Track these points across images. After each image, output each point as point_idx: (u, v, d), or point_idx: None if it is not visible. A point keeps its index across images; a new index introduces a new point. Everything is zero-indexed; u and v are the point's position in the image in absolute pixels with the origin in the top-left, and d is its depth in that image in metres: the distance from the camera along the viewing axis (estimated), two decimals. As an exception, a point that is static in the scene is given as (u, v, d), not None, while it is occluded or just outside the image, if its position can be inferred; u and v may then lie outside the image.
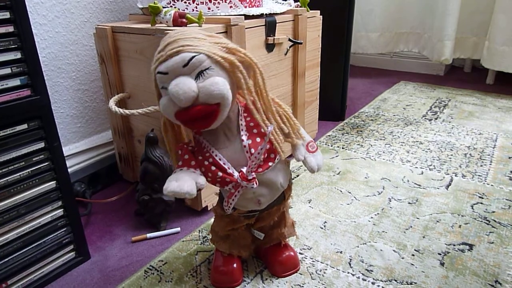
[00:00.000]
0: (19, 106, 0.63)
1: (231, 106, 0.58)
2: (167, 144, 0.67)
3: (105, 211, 0.97)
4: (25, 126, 0.65)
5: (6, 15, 0.58)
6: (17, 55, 0.61)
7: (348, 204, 0.96)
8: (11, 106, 0.62)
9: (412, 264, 0.75)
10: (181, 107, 0.54)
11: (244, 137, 0.60)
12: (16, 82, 0.62)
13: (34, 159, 0.67)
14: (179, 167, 0.61)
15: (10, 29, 0.59)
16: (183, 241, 0.84)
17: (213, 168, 0.60)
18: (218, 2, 0.90)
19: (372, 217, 0.90)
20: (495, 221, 0.88)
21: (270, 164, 0.61)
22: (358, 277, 0.72)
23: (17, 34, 0.60)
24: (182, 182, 0.56)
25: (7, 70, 0.60)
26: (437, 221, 0.88)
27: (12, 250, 0.67)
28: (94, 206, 0.99)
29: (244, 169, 0.59)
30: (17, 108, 0.63)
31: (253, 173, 0.59)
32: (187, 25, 0.82)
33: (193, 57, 0.53)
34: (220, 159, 0.60)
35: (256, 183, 0.60)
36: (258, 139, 0.60)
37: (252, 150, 0.59)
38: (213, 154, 0.61)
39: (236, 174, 0.60)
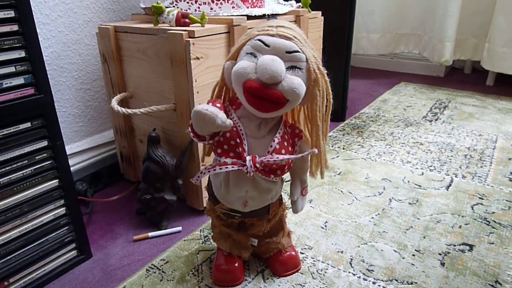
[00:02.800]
0: (23, 104, 0.63)
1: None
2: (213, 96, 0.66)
3: (106, 210, 0.97)
4: (28, 124, 0.65)
5: (10, 14, 0.59)
6: (21, 53, 0.61)
7: (349, 204, 0.96)
8: (15, 105, 0.62)
9: (413, 264, 0.76)
10: (260, 80, 0.54)
11: (276, 140, 0.60)
12: (20, 80, 0.62)
13: (37, 157, 0.67)
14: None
15: (15, 28, 0.60)
16: (184, 240, 0.84)
17: (235, 131, 0.59)
18: (221, 3, 0.90)
19: (372, 217, 0.90)
20: (495, 221, 0.88)
21: (271, 177, 0.61)
22: (359, 277, 0.73)
23: (21, 33, 0.61)
24: (217, 110, 0.55)
25: (11, 69, 0.61)
26: (438, 222, 0.88)
27: (14, 248, 0.67)
28: (96, 205, 0.99)
29: (258, 158, 0.58)
30: (20, 107, 0.63)
31: (261, 166, 0.59)
32: (190, 25, 0.83)
33: (298, 51, 0.56)
34: (243, 134, 0.59)
35: (255, 175, 0.59)
36: (283, 151, 0.60)
37: (274, 154, 0.59)
38: (239, 127, 0.60)
39: (247, 155, 0.59)
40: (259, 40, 0.56)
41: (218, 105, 0.58)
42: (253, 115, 0.59)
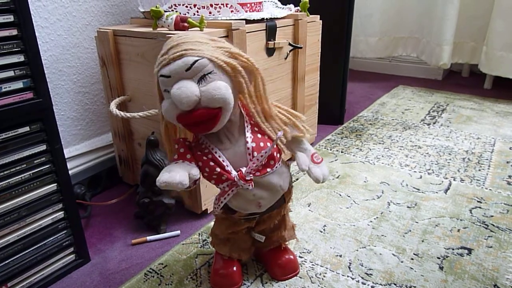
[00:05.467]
0: (22, 108, 0.63)
1: (233, 110, 0.59)
2: (166, 143, 0.67)
3: (105, 213, 0.97)
4: (27, 128, 0.65)
5: (10, 18, 0.59)
6: (20, 58, 0.62)
7: (348, 208, 0.96)
8: (14, 109, 0.62)
9: (411, 268, 0.76)
10: (183, 110, 0.55)
11: (249, 139, 0.61)
12: (19, 84, 0.62)
13: (35, 161, 0.67)
14: (174, 160, 0.61)
15: (14, 32, 0.60)
16: (183, 244, 0.84)
17: (211, 163, 0.60)
18: (220, 7, 0.90)
19: (371, 221, 0.90)
20: (493, 225, 0.88)
21: (268, 170, 0.62)
22: (358, 281, 0.73)
23: (20, 37, 0.61)
24: (174, 173, 0.56)
25: (10, 73, 0.61)
26: (436, 225, 0.88)
27: (12, 252, 0.67)
28: (94, 209, 0.99)
29: (244, 169, 0.60)
30: (19, 111, 0.63)
31: (251, 175, 0.60)
32: (189, 29, 0.83)
33: (195, 61, 0.54)
34: (219, 156, 0.60)
35: (252, 185, 0.60)
36: (262, 144, 0.61)
37: (255, 153, 0.60)
38: (212, 151, 0.61)
39: (234, 172, 0.60)
40: (160, 76, 0.56)
41: (182, 150, 0.61)
42: (216, 131, 0.60)
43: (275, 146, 0.61)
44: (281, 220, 0.73)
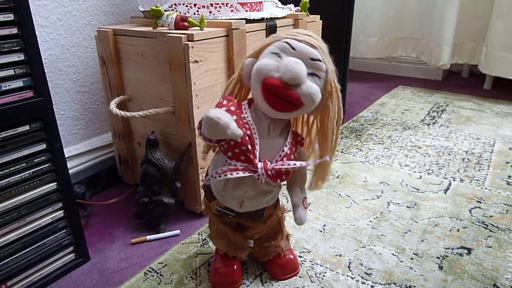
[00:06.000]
0: (22, 107, 0.63)
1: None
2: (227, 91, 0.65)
3: (104, 213, 0.97)
4: (27, 127, 0.65)
5: (10, 17, 0.59)
6: (21, 56, 0.61)
7: (347, 207, 0.96)
8: (14, 108, 0.62)
9: (411, 268, 0.76)
10: (281, 79, 0.55)
11: (288, 144, 0.61)
12: (19, 83, 0.62)
13: (35, 160, 0.67)
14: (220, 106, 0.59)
15: (14, 31, 0.60)
16: (182, 243, 0.84)
17: (246, 138, 0.58)
18: (220, 6, 0.90)
19: (371, 221, 0.90)
20: (493, 225, 0.88)
21: (277, 181, 0.61)
22: (357, 280, 0.73)
23: (20, 36, 0.61)
24: (226, 115, 0.53)
25: (10, 72, 0.61)
26: (436, 225, 0.88)
27: (12, 251, 0.67)
28: (94, 208, 0.99)
29: (269, 164, 0.59)
30: (19, 110, 0.63)
31: (273, 171, 0.59)
32: (189, 29, 0.83)
33: (321, 60, 0.57)
34: (256, 138, 0.59)
35: (264, 180, 0.59)
36: (292, 156, 0.61)
37: (285, 159, 0.60)
38: (253, 130, 0.59)
39: (258, 161, 0.58)
40: (286, 42, 0.57)
41: (233, 108, 0.58)
42: (264, 115, 0.60)
43: (306, 164, 0.61)
44: (278, 229, 0.73)
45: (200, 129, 0.58)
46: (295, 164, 0.59)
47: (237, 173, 0.58)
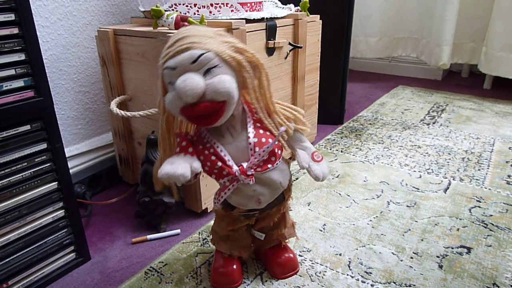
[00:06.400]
0: (23, 107, 0.63)
1: (236, 105, 0.59)
2: (162, 141, 0.65)
3: (105, 212, 0.97)
4: (28, 127, 0.65)
5: (11, 17, 0.59)
6: (21, 56, 0.62)
7: (347, 207, 0.96)
8: (15, 107, 0.62)
9: (411, 267, 0.76)
10: (187, 103, 0.54)
11: (251, 135, 0.61)
12: (20, 83, 0.62)
13: (36, 160, 0.68)
14: (176, 153, 0.60)
15: (15, 31, 0.60)
16: (183, 242, 0.84)
17: (213, 157, 0.60)
18: (220, 6, 0.90)
19: (371, 220, 0.91)
20: (492, 224, 0.88)
21: (269, 166, 0.62)
22: (357, 279, 0.73)
23: (21, 36, 0.61)
24: (176, 165, 0.56)
25: (11, 72, 0.61)
26: (436, 224, 0.88)
27: (13, 251, 0.67)
28: (94, 208, 0.99)
29: (245, 164, 0.60)
30: (20, 109, 0.63)
31: (252, 170, 0.60)
32: (189, 29, 0.83)
33: (201, 54, 0.54)
34: (221, 151, 0.60)
35: (253, 180, 0.60)
36: (263, 139, 0.61)
37: (257, 148, 0.60)
38: (214, 145, 0.61)
39: (235, 167, 0.60)
40: (165, 68, 0.56)
41: (184, 143, 0.60)
42: (218, 126, 0.60)
43: (276, 142, 0.61)
44: (281, 218, 0.73)
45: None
46: (267, 147, 0.59)
47: (228, 189, 0.62)
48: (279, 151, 0.63)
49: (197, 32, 0.56)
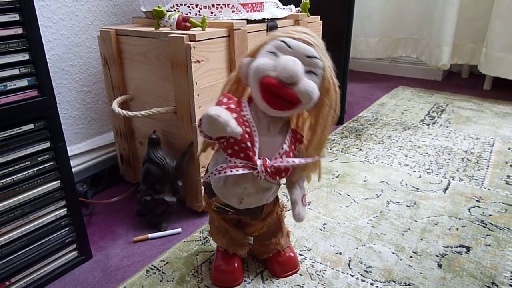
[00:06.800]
0: (26, 106, 0.64)
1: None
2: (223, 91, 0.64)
3: (106, 211, 0.98)
4: (31, 126, 0.66)
5: (15, 17, 0.60)
6: (25, 56, 0.62)
7: (347, 206, 0.97)
8: (19, 107, 0.63)
9: (410, 266, 0.76)
10: (278, 78, 0.55)
11: (286, 142, 0.62)
12: (23, 82, 0.63)
13: (39, 158, 0.68)
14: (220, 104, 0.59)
15: (19, 31, 0.61)
16: (184, 241, 0.85)
17: (246, 136, 0.59)
18: (221, 7, 0.91)
19: (370, 220, 0.91)
20: (492, 224, 0.89)
21: (276, 178, 0.63)
22: (357, 278, 0.74)
23: (25, 36, 0.62)
24: (222, 111, 0.55)
25: (15, 71, 0.62)
26: (435, 224, 0.89)
27: (16, 248, 0.68)
28: (96, 207, 1.00)
29: (268, 161, 0.60)
30: (24, 108, 0.64)
31: (273, 168, 0.60)
32: (191, 29, 0.84)
33: (317, 57, 0.57)
34: (255, 135, 0.60)
35: (264, 177, 0.60)
36: (291, 154, 0.62)
37: (284, 157, 0.61)
38: (252, 127, 0.60)
39: (258, 159, 0.59)
40: (282, 41, 0.58)
41: (233, 106, 0.59)
42: (263, 113, 0.60)
43: (301, 162, 0.62)
44: (277, 227, 0.74)
45: (201, 126, 0.59)
46: (294, 161, 0.60)
47: (237, 170, 0.59)
48: (290, 172, 0.64)
49: (320, 40, 0.60)
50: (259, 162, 0.59)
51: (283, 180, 0.69)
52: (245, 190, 0.63)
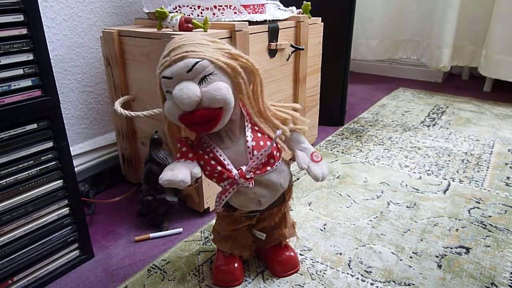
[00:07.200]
0: (30, 106, 0.64)
1: (234, 110, 0.60)
2: (171, 143, 0.68)
3: (108, 211, 0.98)
4: (34, 125, 0.66)
5: (20, 18, 0.60)
6: (29, 56, 0.63)
7: (348, 207, 0.97)
8: (22, 106, 0.63)
9: (410, 266, 0.77)
10: (185, 111, 0.56)
11: (249, 138, 0.62)
12: (27, 82, 0.64)
13: (42, 158, 0.69)
14: (176, 159, 0.62)
15: (24, 31, 0.61)
16: (185, 241, 0.85)
17: (213, 162, 0.61)
18: (223, 8, 0.92)
19: (371, 220, 0.92)
20: (491, 225, 0.89)
21: (268, 168, 0.63)
22: (357, 278, 0.74)
23: (30, 36, 0.62)
24: (177, 171, 0.58)
25: (19, 71, 0.62)
26: (435, 225, 0.90)
27: (18, 247, 0.68)
28: (98, 206, 1.00)
29: (244, 168, 0.61)
30: (28, 108, 0.64)
31: (251, 173, 0.61)
32: (193, 30, 0.84)
33: (196, 62, 0.55)
34: (220, 155, 0.62)
35: (252, 183, 0.62)
36: (261, 143, 0.62)
37: (255, 152, 0.61)
38: (214, 149, 0.62)
39: (234, 171, 0.61)
40: (162, 77, 0.57)
41: (184, 149, 0.62)
42: (217, 131, 0.61)
43: (274, 144, 0.62)
44: (281, 218, 0.74)
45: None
46: (265, 150, 0.61)
47: (229, 193, 0.64)
48: (278, 153, 0.64)
49: (192, 40, 0.57)
50: (235, 174, 0.61)
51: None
52: (255, 194, 0.64)
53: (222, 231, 0.73)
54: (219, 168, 0.61)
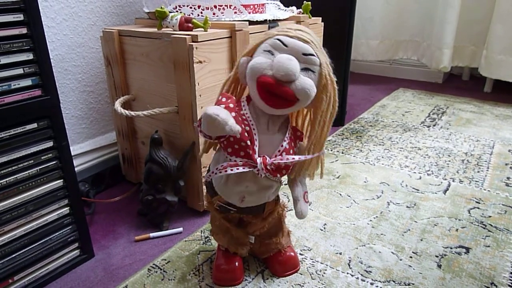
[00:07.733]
0: (30, 105, 0.65)
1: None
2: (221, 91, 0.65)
3: (108, 210, 0.98)
4: (34, 125, 0.66)
5: (20, 17, 0.60)
6: (29, 56, 0.63)
7: (348, 207, 0.97)
8: (22, 106, 0.64)
9: (410, 266, 0.77)
10: (274, 76, 0.56)
11: (286, 139, 0.62)
12: (27, 82, 0.64)
13: (42, 157, 0.69)
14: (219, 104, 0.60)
15: (24, 31, 0.61)
16: (185, 241, 0.85)
17: (246, 134, 0.59)
18: (223, 8, 0.92)
19: (371, 220, 0.92)
20: (491, 225, 0.89)
21: (277, 176, 0.63)
22: (357, 278, 0.74)
23: (30, 36, 0.62)
24: (221, 110, 0.55)
25: (19, 71, 0.62)
26: (435, 225, 0.90)
27: (19, 247, 0.68)
28: (98, 206, 1.00)
29: (268, 159, 0.60)
30: (28, 108, 0.64)
31: (273, 166, 0.60)
32: (193, 30, 0.84)
33: (313, 54, 0.58)
34: (255, 134, 0.60)
35: (264, 175, 0.61)
36: (291, 151, 0.63)
37: (284, 154, 0.61)
38: (251, 124, 0.60)
39: (257, 155, 0.60)
40: (278, 39, 0.58)
41: (231, 105, 0.60)
42: (262, 112, 0.61)
43: (300, 159, 0.62)
44: (278, 227, 0.75)
45: (200, 126, 0.60)
46: (294, 158, 0.61)
47: (237, 169, 0.60)
48: (291, 169, 0.64)
49: (316, 37, 0.60)
50: (259, 160, 0.60)
51: (285, 179, 0.70)
52: (246, 188, 0.63)
53: (215, 220, 0.73)
54: (248, 142, 0.59)
